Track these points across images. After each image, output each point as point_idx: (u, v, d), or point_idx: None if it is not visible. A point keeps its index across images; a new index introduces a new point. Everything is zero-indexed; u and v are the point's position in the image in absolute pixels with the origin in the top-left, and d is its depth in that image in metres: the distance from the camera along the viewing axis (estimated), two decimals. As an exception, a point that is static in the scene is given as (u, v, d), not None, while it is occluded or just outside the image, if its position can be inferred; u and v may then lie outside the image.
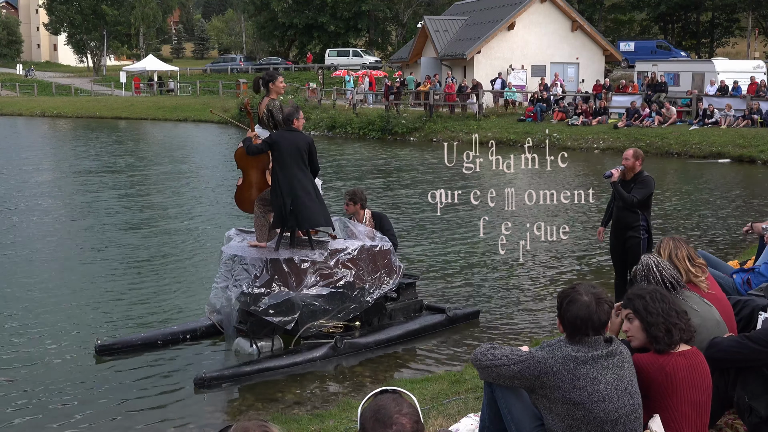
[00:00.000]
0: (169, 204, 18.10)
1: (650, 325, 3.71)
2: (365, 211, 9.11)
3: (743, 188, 20.26)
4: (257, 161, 8.37)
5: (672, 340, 3.70)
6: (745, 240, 12.63)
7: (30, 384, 7.54)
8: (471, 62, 39.61)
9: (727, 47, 60.98)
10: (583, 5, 55.98)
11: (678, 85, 35.78)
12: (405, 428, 2.39)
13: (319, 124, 36.17)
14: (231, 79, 60.37)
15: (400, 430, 2.39)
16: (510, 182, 18.28)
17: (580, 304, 3.49)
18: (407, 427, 2.40)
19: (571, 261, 12.29)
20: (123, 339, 8.44)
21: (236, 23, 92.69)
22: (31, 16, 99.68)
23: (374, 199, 17.72)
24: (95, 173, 23.91)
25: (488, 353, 3.75)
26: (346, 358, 8.14)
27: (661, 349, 3.71)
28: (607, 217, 8.91)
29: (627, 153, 8.48)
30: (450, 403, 5.95)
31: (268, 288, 7.90)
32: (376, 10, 69.22)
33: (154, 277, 11.49)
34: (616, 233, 8.57)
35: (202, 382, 7.34)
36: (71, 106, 53.89)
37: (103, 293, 10.70)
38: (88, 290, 10.88)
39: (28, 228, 15.24)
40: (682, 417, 3.64)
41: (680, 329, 3.72)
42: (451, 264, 12.19)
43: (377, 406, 2.46)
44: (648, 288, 3.90)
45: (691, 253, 4.74)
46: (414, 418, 2.45)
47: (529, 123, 32.34)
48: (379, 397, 2.52)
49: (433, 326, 8.99)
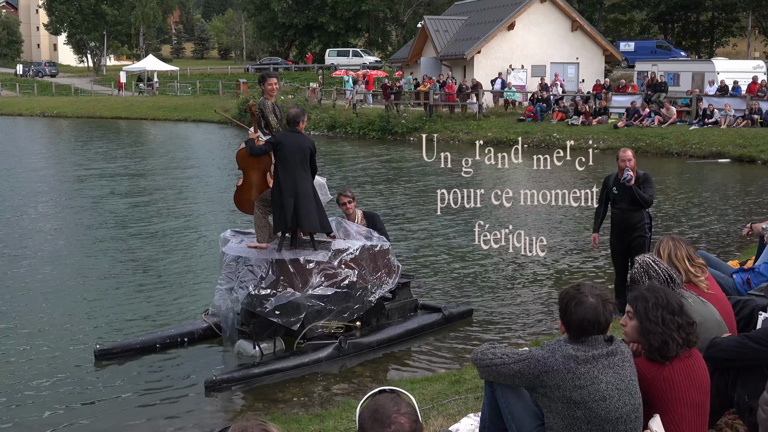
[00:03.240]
0: (167, 205, 18.08)
1: (647, 331, 3.65)
2: (357, 210, 9.15)
3: (743, 188, 20.25)
4: (259, 162, 8.36)
5: (667, 354, 3.61)
6: (746, 240, 12.62)
7: (29, 387, 7.54)
8: (471, 62, 39.61)
9: (727, 47, 60.98)
10: (583, 5, 55.97)
11: (678, 85, 35.79)
12: (403, 427, 2.39)
13: (319, 124, 36.17)
14: (231, 79, 60.40)
15: (399, 429, 2.39)
16: (506, 182, 18.29)
17: (587, 306, 3.46)
18: (406, 427, 2.40)
19: (565, 259, 12.30)
20: (122, 343, 8.42)
21: (236, 23, 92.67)
22: (31, 16, 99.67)
23: (371, 199, 17.72)
24: (94, 174, 23.91)
25: (488, 352, 3.76)
26: (349, 358, 8.15)
27: (654, 360, 3.64)
28: (599, 222, 8.90)
29: (627, 154, 8.44)
30: (450, 403, 5.95)
31: (274, 289, 7.90)
32: (376, 10, 69.21)
33: (151, 279, 11.46)
34: (620, 235, 8.57)
35: (213, 385, 7.33)
36: (71, 106, 53.89)
37: (101, 294, 10.69)
38: (87, 291, 10.88)
39: (27, 229, 15.24)
40: (682, 418, 3.64)
41: (678, 344, 3.61)
42: (441, 263, 12.21)
43: (375, 406, 2.46)
44: (656, 291, 3.76)
45: (691, 253, 4.73)
46: (412, 417, 2.45)
47: (529, 123, 32.34)
48: (377, 397, 2.52)
49: (431, 325, 9.02)
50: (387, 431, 2.39)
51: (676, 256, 4.67)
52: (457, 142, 31.87)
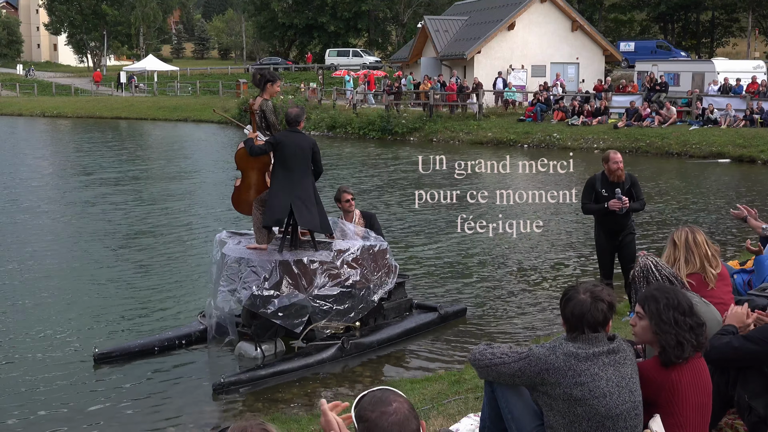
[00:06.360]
0: (164, 206, 18.08)
1: (662, 332, 3.63)
2: (355, 209, 9.16)
3: (743, 188, 20.25)
4: (258, 162, 8.33)
5: (683, 354, 3.60)
6: (745, 241, 12.60)
7: (28, 391, 7.54)
8: (471, 62, 39.61)
9: (727, 47, 61.00)
10: (583, 5, 55.99)
11: (678, 85, 35.79)
12: (403, 406, 2.51)
13: (319, 124, 36.16)
14: (231, 79, 60.40)
15: (400, 407, 2.50)
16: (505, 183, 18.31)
17: (576, 301, 3.52)
18: (405, 406, 2.52)
19: (559, 256, 12.30)
20: (120, 346, 8.41)
21: (236, 23, 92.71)
22: (31, 16, 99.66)
23: (366, 199, 17.72)
24: (92, 175, 23.90)
25: (487, 352, 3.76)
26: (350, 358, 8.15)
27: (668, 362, 3.63)
28: (597, 206, 8.93)
29: (616, 157, 8.51)
30: (450, 403, 5.94)
31: (277, 290, 7.89)
32: (376, 10, 69.25)
33: (149, 281, 11.44)
34: (610, 235, 8.75)
35: (221, 387, 7.33)
36: (71, 106, 53.89)
37: (99, 295, 10.69)
38: (85, 292, 10.87)
39: (25, 230, 15.24)
40: (686, 421, 3.64)
41: (692, 345, 3.60)
42: (434, 262, 12.23)
43: (371, 396, 2.58)
44: (666, 291, 3.74)
45: (708, 240, 4.80)
46: (409, 403, 2.57)
47: (529, 123, 32.34)
48: (370, 392, 2.63)
49: (427, 324, 9.05)
50: (389, 408, 2.49)
51: (694, 242, 4.71)
52: (457, 142, 31.90)
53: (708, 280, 4.75)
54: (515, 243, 13.24)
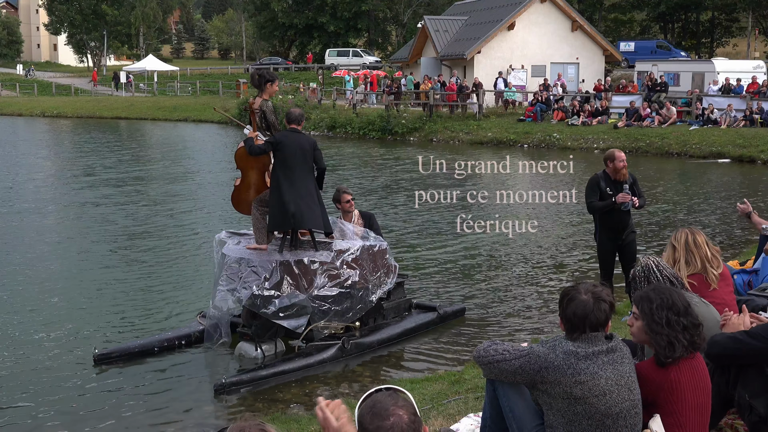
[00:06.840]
0: (165, 206, 18.08)
1: (653, 332, 3.66)
2: (354, 210, 9.16)
3: (743, 188, 20.24)
4: (258, 162, 8.33)
5: (673, 354, 3.61)
6: (745, 239, 12.64)
7: (28, 392, 7.54)
8: (471, 62, 39.62)
9: (727, 47, 61.02)
10: (583, 5, 56.01)
11: (678, 85, 35.79)
12: (402, 419, 2.43)
13: (319, 124, 36.16)
14: (231, 79, 60.41)
15: (398, 421, 2.42)
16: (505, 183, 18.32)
17: (578, 302, 3.54)
18: (404, 418, 2.44)
19: (557, 255, 12.31)
20: (120, 347, 8.39)
21: (236, 23, 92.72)
22: (31, 16, 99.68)
23: (365, 199, 17.72)
24: (92, 175, 23.90)
25: (489, 350, 3.79)
26: (350, 358, 8.15)
27: (662, 362, 3.65)
28: (604, 203, 8.97)
29: (622, 155, 8.61)
30: (450, 403, 5.94)
31: (278, 290, 7.89)
32: (376, 10, 69.25)
33: (147, 281, 11.42)
34: (614, 234, 8.75)
35: (222, 388, 7.32)
36: (71, 106, 53.89)
37: (99, 295, 10.69)
38: (85, 293, 10.87)
39: (24, 230, 15.23)
40: (686, 421, 3.65)
41: (684, 346, 3.62)
42: (434, 262, 12.23)
43: (373, 402, 2.51)
44: (661, 292, 3.76)
45: (708, 241, 4.81)
46: (410, 410, 2.50)
47: (529, 123, 32.34)
48: (374, 395, 2.57)
49: (427, 324, 9.06)
50: (386, 423, 2.42)
51: (694, 243, 4.72)
52: (457, 142, 31.90)
53: (710, 280, 4.76)
54: (514, 243, 13.25)
